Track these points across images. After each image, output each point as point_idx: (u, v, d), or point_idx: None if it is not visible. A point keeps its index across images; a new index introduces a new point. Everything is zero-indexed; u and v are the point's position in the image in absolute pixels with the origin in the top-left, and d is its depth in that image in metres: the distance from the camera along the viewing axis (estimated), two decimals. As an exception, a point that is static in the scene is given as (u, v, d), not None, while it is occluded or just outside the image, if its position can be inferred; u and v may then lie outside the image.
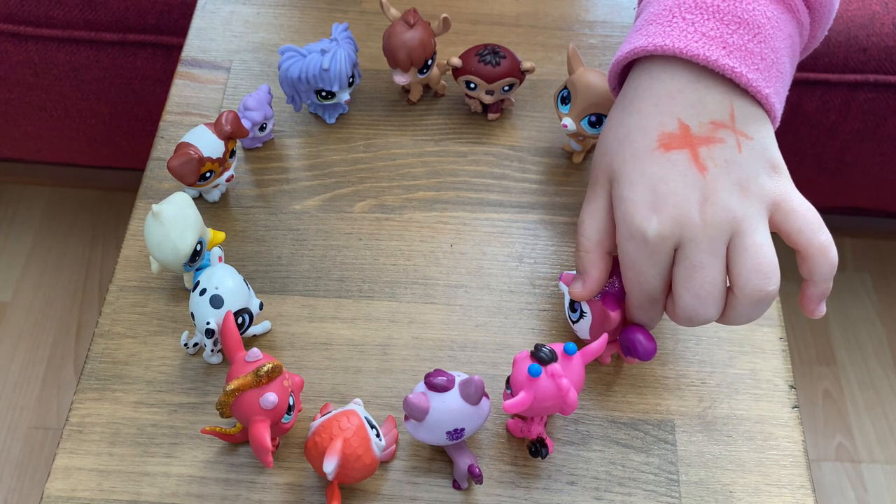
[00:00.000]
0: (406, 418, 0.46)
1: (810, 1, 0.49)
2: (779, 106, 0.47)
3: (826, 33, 0.53)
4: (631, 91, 0.48)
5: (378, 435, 0.47)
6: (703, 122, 0.45)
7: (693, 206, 0.44)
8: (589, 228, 0.49)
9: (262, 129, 0.61)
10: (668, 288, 0.47)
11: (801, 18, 0.49)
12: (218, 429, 0.49)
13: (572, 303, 0.51)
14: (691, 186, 0.44)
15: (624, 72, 0.51)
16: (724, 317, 0.46)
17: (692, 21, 0.46)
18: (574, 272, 0.51)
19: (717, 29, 0.46)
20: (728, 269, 0.45)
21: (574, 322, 0.52)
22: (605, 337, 0.47)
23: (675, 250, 0.45)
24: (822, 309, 0.48)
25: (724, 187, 0.44)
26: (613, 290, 0.49)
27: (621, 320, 0.49)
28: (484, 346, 0.54)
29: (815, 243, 0.45)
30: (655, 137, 0.46)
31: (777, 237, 0.46)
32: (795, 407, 0.52)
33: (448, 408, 0.45)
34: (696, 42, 0.46)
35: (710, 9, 0.46)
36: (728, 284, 0.45)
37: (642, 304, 0.48)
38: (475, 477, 0.47)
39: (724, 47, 0.45)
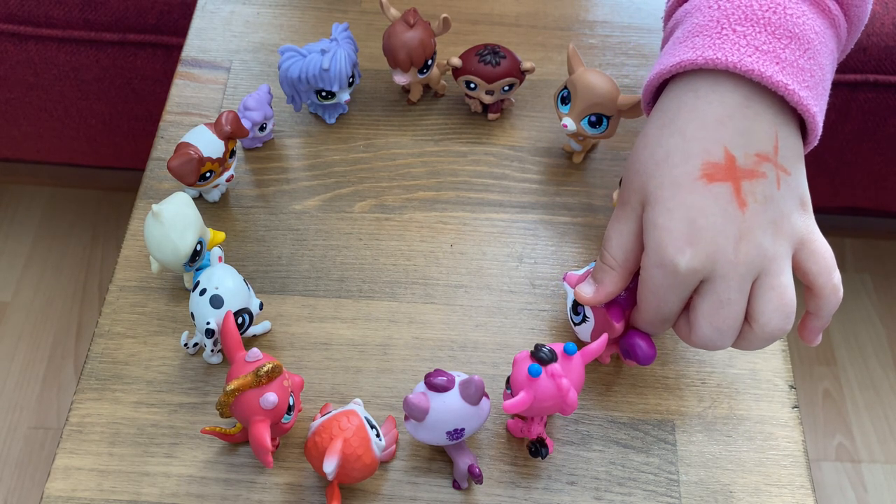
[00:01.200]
0: (406, 418, 0.46)
1: (850, 15, 0.48)
2: (821, 125, 0.46)
3: (852, 46, 0.53)
4: (673, 109, 0.46)
5: (378, 435, 0.47)
6: (749, 153, 0.44)
7: (729, 242, 0.43)
8: (616, 248, 0.47)
9: (262, 129, 0.61)
10: (682, 310, 0.46)
11: (841, 34, 0.48)
12: (218, 429, 0.49)
13: (575, 305, 0.51)
14: (730, 222, 0.43)
15: (659, 88, 0.49)
16: (735, 344, 0.46)
17: (744, 34, 0.44)
18: (577, 272, 0.51)
19: (770, 43, 0.44)
20: (749, 305, 0.44)
21: (576, 325, 0.52)
22: (604, 337, 0.47)
23: (701, 282, 0.44)
24: (820, 339, 0.48)
25: (761, 226, 0.43)
26: (620, 301, 0.49)
27: (624, 329, 0.49)
28: (484, 346, 0.54)
29: (829, 285, 0.45)
30: (699, 165, 0.44)
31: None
32: (795, 407, 0.52)
33: (448, 408, 0.45)
34: (750, 56, 0.43)
35: (762, 21, 0.44)
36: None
37: (653, 323, 0.47)
38: (475, 477, 0.47)
39: (778, 63, 0.44)
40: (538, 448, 0.48)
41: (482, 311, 0.55)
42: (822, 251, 0.45)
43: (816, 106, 0.45)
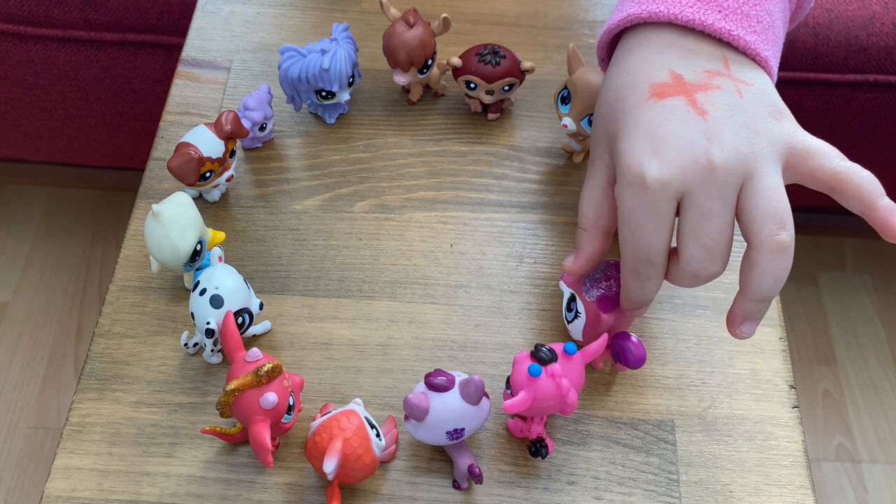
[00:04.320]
0: (406, 418, 0.46)
1: None
2: (776, 69, 0.46)
3: (812, 5, 0.52)
4: (617, 55, 0.47)
5: (378, 435, 0.47)
6: (697, 70, 0.44)
7: (698, 149, 0.41)
8: (587, 205, 0.47)
9: (262, 129, 0.61)
10: (667, 252, 0.44)
11: None
12: (218, 429, 0.49)
13: (569, 303, 0.51)
14: (693, 130, 0.41)
15: (612, 44, 0.50)
16: (748, 280, 0.42)
17: None
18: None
19: None
20: (739, 219, 0.42)
21: (569, 322, 0.52)
22: (604, 337, 0.47)
23: (679, 201, 0.42)
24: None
25: (731, 129, 0.42)
26: (610, 294, 0.49)
27: (613, 324, 0.49)
28: (484, 346, 0.54)
29: (840, 170, 0.42)
30: (647, 89, 0.44)
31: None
32: (795, 407, 0.52)
33: (448, 408, 0.45)
34: (691, 7, 0.44)
35: None
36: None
37: (637, 268, 0.44)
38: (475, 477, 0.47)
39: (720, 11, 0.44)
40: (538, 448, 0.48)
41: (482, 311, 0.55)
42: (815, 146, 0.43)
43: (768, 50, 0.45)
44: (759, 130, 0.42)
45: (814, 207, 1.14)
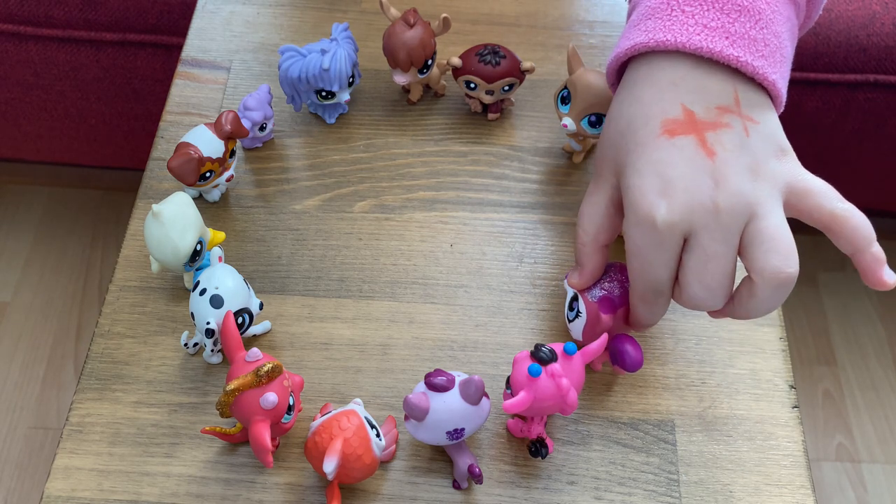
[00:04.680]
0: (406, 418, 0.46)
1: None
2: (784, 90, 0.47)
3: (821, 12, 0.52)
4: (630, 82, 0.48)
5: (378, 435, 0.47)
6: (709, 107, 0.44)
7: (705, 191, 0.42)
8: (587, 222, 0.48)
9: (262, 129, 0.61)
10: (673, 281, 0.45)
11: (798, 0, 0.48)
12: (218, 429, 0.49)
13: (571, 302, 0.51)
14: (701, 171, 0.43)
15: (622, 68, 0.51)
16: (744, 308, 0.44)
17: (692, 13, 0.46)
18: None
19: (718, 19, 0.45)
20: (743, 256, 0.43)
21: (570, 321, 0.52)
22: (604, 337, 0.47)
23: (685, 239, 0.43)
24: (891, 275, 0.44)
25: (736, 172, 0.43)
26: (612, 296, 0.49)
27: (612, 325, 0.49)
28: (484, 346, 0.54)
29: (837, 212, 0.43)
30: (659, 124, 0.44)
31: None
32: (795, 407, 0.52)
33: (448, 408, 0.45)
34: (699, 35, 0.45)
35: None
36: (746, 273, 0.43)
37: (645, 297, 0.46)
38: (475, 477, 0.47)
39: (727, 37, 0.45)
40: (538, 448, 0.48)
41: (482, 311, 0.55)
42: (814, 186, 0.44)
43: (776, 73, 0.45)
44: (762, 172, 0.43)
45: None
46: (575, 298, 0.51)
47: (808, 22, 0.52)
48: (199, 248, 0.52)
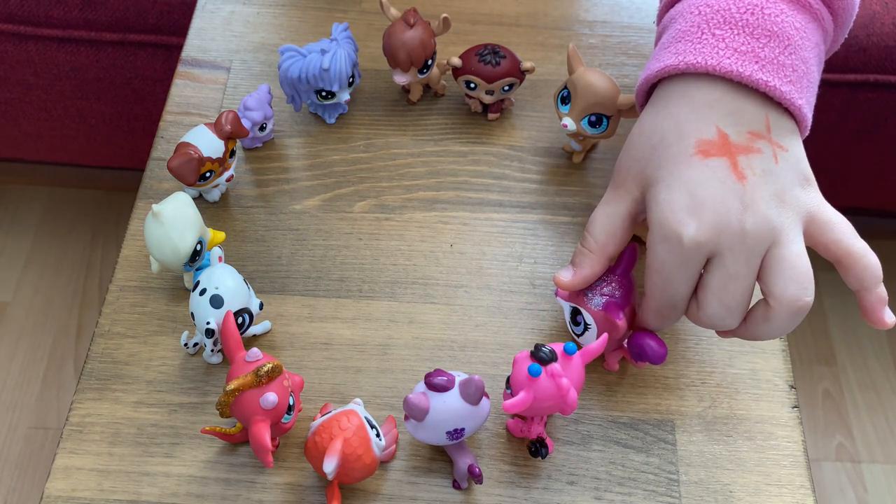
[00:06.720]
0: (406, 418, 0.46)
1: (834, 7, 0.49)
2: (810, 116, 0.47)
3: (846, 36, 0.53)
4: (664, 97, 0.48)
5: (378, 435, 0.47)
6: (741, 131, 0.45)
7: (733, 213, 0.43)
8: (599, 230, 0.48)
9: (262, 129, 0.61)
10: (690, 297, 0.46)
11: (826, 26, 0.49)
12: (218, 429, 0.49)
13: (574, 316, 0.51)
14: (731, 194, 0.43)
15: (650, 90, 0.51)
16: (757, 330, 0.45)
17: (722, 37, 0.46)
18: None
19: (748, 44, 0.46)
20: (762, 280, 0.44)
21: (579, 336, 0.51)
22: (605, 337, 0.47)
23: (708, 258, 0.44)
24: (891, 316, 0.46)
25: (763, 197, 0.44)
26: (615, 299, 0.49)
27: (628, 327, 0.49)
28: (484, 346, 0.54)
29: (853, 250, 0.44)
30: (693, 143, 0.45)
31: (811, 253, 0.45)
32: (795, 407, 0.52)
33: (448, 408, 0.45)
34: (729, 59, 0.45)
35: (740, 23, 0.46)
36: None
37: (661, 311, 0.47)
38: (475, 477, 0.47)
39: (757, 62, 0.45)
40: (538, 448, 0.48)
41: (482, 311, 0.55)
42: (834, 220, 0.45)
43: (802, 98, 0.46)
44: (787, 200, 0.44)
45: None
46: (577, 312, 0.50)
47: (834, 46, 0.52)
48: (199, 248, 0.52)
